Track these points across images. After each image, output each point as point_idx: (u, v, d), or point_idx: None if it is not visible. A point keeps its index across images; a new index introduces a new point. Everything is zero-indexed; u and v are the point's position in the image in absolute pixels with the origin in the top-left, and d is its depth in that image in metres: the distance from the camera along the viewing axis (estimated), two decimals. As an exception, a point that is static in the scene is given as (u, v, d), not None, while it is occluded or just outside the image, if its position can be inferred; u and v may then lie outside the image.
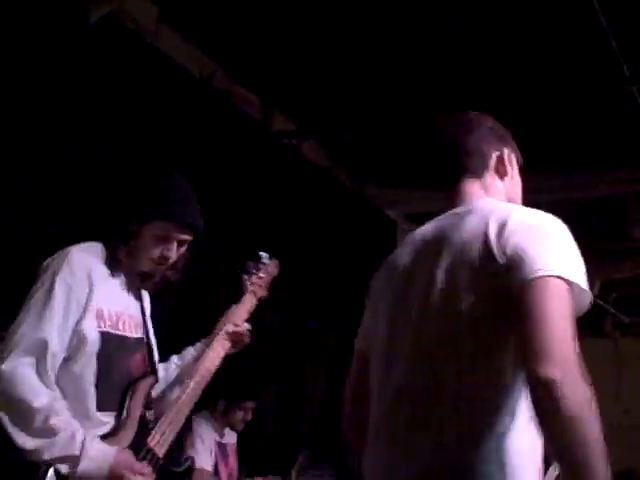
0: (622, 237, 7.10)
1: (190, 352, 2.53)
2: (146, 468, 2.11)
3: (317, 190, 5.75)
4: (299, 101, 5.09)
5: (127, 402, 2.20)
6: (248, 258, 2.72)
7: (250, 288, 2.56)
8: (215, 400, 4.31)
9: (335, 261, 6.17)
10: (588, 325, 9.16)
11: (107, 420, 2.17)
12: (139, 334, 2.35)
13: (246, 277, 2.58)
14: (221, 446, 4.36)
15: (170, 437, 2.23)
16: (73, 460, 1.98)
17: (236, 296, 2.61)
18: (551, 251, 1.54)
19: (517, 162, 1.90)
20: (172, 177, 2.38)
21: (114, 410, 2.18)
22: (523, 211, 1.66)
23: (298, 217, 5.64)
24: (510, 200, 1.83)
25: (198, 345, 2.54)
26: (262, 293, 2.61)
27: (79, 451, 1.99)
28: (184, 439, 4.06)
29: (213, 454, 4.24)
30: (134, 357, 2.30)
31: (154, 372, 2.36)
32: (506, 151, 1.86)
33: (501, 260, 1.53)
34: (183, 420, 2.30)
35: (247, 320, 2.57)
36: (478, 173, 1.84)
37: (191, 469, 2.33)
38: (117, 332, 2.24)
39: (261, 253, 2.67)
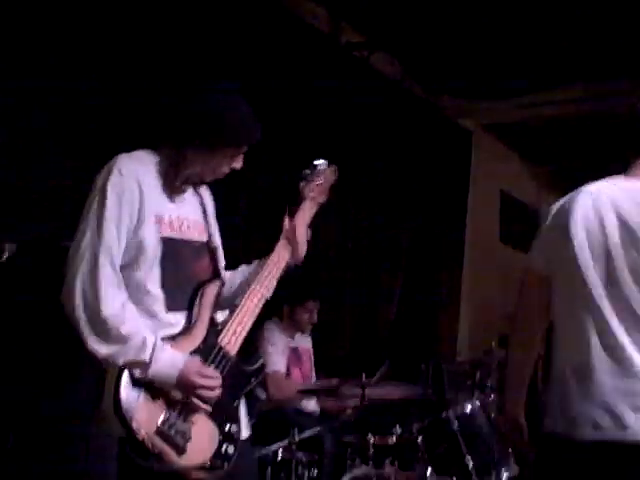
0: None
1: (255, 264, 2.53)
2: (215, 372, 2.15)
3: (388, 102, 5.70)
4: (367, 13, 5.03)
5: (196, 304, 2.24)
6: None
7: (309, 195, 2.53)
8: (280, 306, 4.46)
9: (409, 173, 6.17)
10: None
11: (177, 320, 2.22)
12: (204, 238, 2.36)
13: (303, 184, 2.54)
14: (294, 350, 4.50)
15: (241, 337, 2.27)
16: (144, 365, 2.05)
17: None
18: None
19: None
20: (230, 96, 2.38)
21: (183, 310, 2.23)
22: None
23: (370, 130, 5.63)
24: None
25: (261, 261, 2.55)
26: (321, 199, 2.57)
27: (149, 357, 2.05)
28: (256, 342, 4.20)
29: (285, 358, 4.40)
30: (200, 261, 2.32)
31: (220, 275, 2.39)
32: None
33: None
34: (252, 321, 2.31)
35: (309, 226, 2.54)
36: None
37: (263, 368, 2.37)
38: (180, 237, 2.26)
39: (318, 160, 2.60)
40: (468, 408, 3.77)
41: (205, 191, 2.46)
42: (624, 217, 2.04)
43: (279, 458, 3.51)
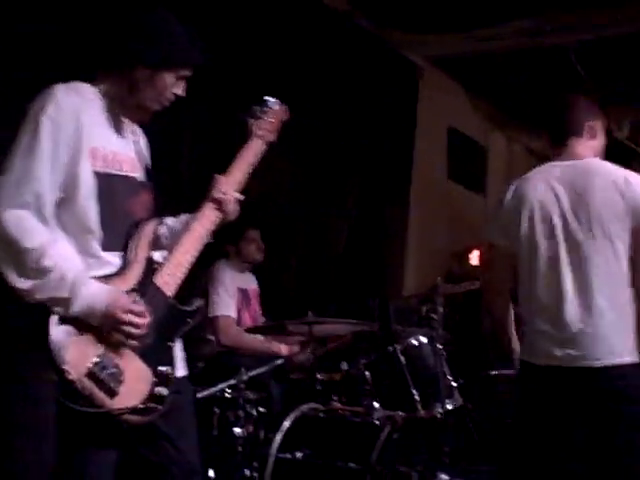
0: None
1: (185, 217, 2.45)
2: (142, 309, 2.09)
3: (336, 36, 5.59)
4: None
5: (133, 243, 2.19)
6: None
7: (258, 132, 2.46)
8: (224, 249, 4.41)
9: (356, 108, 6.08)
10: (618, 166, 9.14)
11: (114, 260, 2.17)
12: (140, 175, 2.30)
13: (252, 121, 2.46)
14: (243, 292, 4.46)
15: (178, 278, 2.22)
16: (65, 302, 2.00)
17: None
18: None
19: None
20: (166, 16, 2.28)
21: (120, 250, 2.18)
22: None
23: (318, 65, 5.52)
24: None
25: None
26: (271, 138, 2.51)
27: (68, 293, 2.00)
28: (201, 284, 4.15)
29: (236, 301, 4.35)
30: (137, 198, 2.26)
31: (157, 215, 2.33)
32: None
33: None
34: (190, 262, 2.26)
35: (256, 164, 2.45)
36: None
37: (200, 310, 2.34)
38: (116, 172, 2.20)
39: (267, 97, 2.54)
40: (415, 342, 3.80)
41: (141, 134, 2.39)
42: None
43: (227, 397, 3.50)
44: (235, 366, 3.65)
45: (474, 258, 8.14)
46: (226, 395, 3.49)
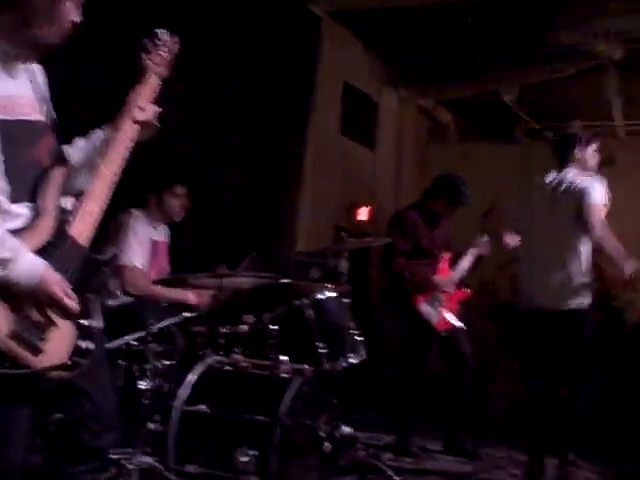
0: (540, 42, 7.12)
1: (99, 136, 2.36)
2: (70, 291, 2.03)
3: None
4: None
5: (41, 192, 2.09)
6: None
7: (152, 67, 2.38)
8: (145, 197, 4.26)
9: (257, 56, 5.97)
10: (499, 130, 9.45)
11: (23, 212, 2.06)
12: (41, 117, 2.17)
13: (145, 55, 2.39)
14: (152, 243, 4.33)
15: (91, 226, 2.15)
16: (4, 263, 1.92)
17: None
18: None
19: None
20: None
21: (29, 200, 2.07)
22: None
23: (218, 14, 5.38)
24: None
25: (106, 131, 2.35)
26: (164, 72, 2.43)
27: (10, 253, 1.93)
28: (115, 230, 4.01)
29: (147, 252, 4.22)
30: (42, 143, 2.14)
31: (64, 159, 2.23)
32: None
33: None
34: (102, 208, 2.17)
35: (153, 101, 2.37)
36: None
37: (115, 258, 2.27)
38: (18, 117, 2.06)
39: (158, 30, 2.44)
40: (322, 296, 3.82)
41: (37, 68, 2.24)
42: None
43: (132, 349, 3.42)
44: (140, 318, 3.57)
45: (362, 214, 8.25)
46: (132, 348, 3.41)
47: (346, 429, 3.65)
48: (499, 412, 5.80)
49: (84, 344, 2.08)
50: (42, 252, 2.02)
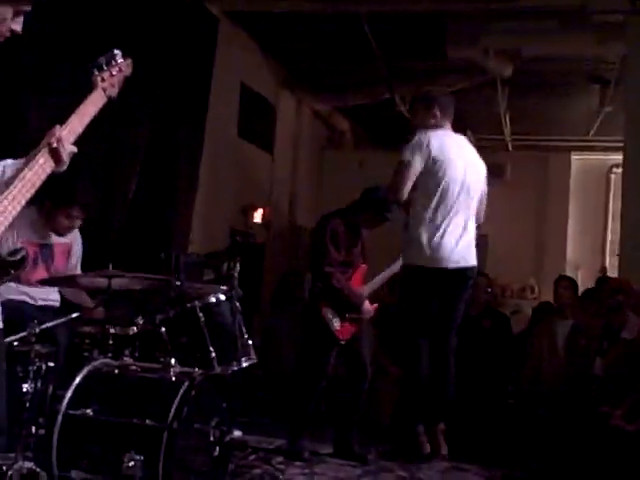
0: (437, 56, 7.31)
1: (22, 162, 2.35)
2: None
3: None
4: None
5: None
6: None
7: (100, 84, 2.41)
8: (41, 199, 4.10)
9: (155, 54, 5.87)
10: (394, 139, 9.63)
11: None
12: None
13: (97, 73, 2.42)
14: (45, 247, 4.19)
15: (3, 225, 2.14)
16: None
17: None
18: None
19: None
20: None
21: None
22: None
23: (121, 8, 5.27)
24: None
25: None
26: (113, 93, 2.46)
27: None
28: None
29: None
30: None
31: None
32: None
33: None
34: (17, 211, 2.18)
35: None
36: None
37: (24, 261, 2.21)
38: None
39: (115, 50, 2.52)
40: (214, 299, 3.79)
41: None
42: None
43: (16, 350, 3.29)
44: (22, 318, 3.44)
45: (257, 216, 8.26)
46: (15, 348, 3.29)
47: (237, 433, 3.62)
48: (386, 416, 5.89)
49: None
50: None
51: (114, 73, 2.46)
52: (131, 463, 3.15)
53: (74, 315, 3.63)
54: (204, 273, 4.90)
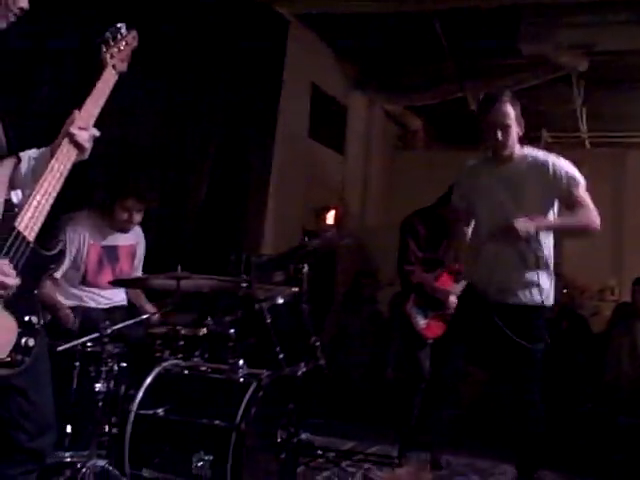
0: (509, 52, 7.17)
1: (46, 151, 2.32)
2: (11, 269, 2.00)
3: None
4: None
5: None
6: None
7: (110, 61, 2.36)
8: (99, 200, 4.18)
9: (225, 58, 5.94)
10: (466, 139, 9.50)
11: None
12: None
13: (105, 49, 2.36)
14: (109, 249, 4.23)
15: (39, 222, 2.12)
16: None
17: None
18: None
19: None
20: None
21: None
22: None
23: (187, 13, 5.33)
24: None
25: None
26: (123, 68, 2.41)
27: None
28: (56, 230, 3.91)
29: (82, 257, 4.10)
30: None
31: (13, 151, 2.20)
32: None
33: None
34: (50, 204, 2.15)
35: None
36: None
37: (63, 253, 2.22)
38: None
39: (119, 24, 2.44)
40: (281, 301, 3.80)
41: None
42: None
43: (89, 351, 3.37)
44: (92, 320, 3.53)
45: (330, 217, 8.26)
46: (87, 349, 3.37)
47: (304, 435, 3.62)
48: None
49: (26, 341, 2.04)
50: None
51: (122, 48, 2.41)
52: (200, 463, 3.19)
53: (145, 316, 3.68)
54: (275, 274, 4.92)
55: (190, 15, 5.43)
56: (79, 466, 3.18)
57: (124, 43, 2.42)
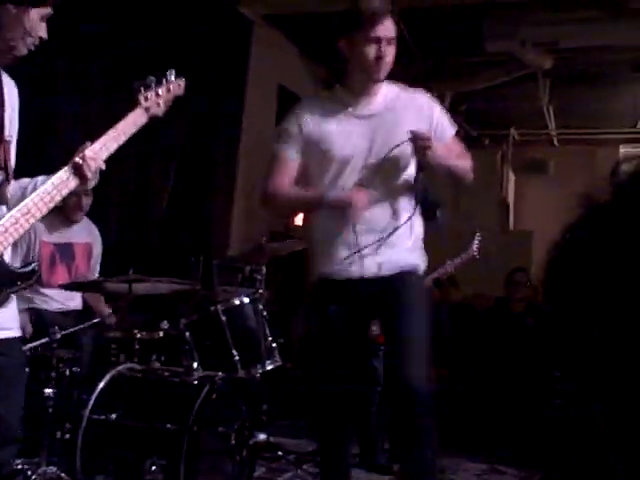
0: (474, 50, 7.18)
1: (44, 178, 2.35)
2: None
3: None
4: None
5: None
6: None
7: (143, 104, 2.40)
8: None
9: (188, 59, 5.90)
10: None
11: None
12: None
13: (141, 90, 2.41)
14: (64, 246, 4.15)
15: (12, 238, 2.12)
16: None
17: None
18: None
19: None
20: None
21: None
22: None
23: (152, 13, 5.31)
24: None
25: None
26: (158, 112, 2.45)
27: None
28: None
29: (34, 255, 4.00)
30: None
31: (7, 169, 2.22)
32: None
33: None
34: (30, 224, 2.16)
35: (133, 135, 2.42)
36: None
37: (34, 274, 2.22)
38: None
39: (169, 71, 2.52)
40: (237, 302, 3.77)
41: (9, 81, 2.28)
42: None
43: (37, 355, 3.33)
44: (46, 323, 3.49)
45: (298, 218, 8.22)
46: (37, 354, 3.33)
47: (261, 436, 3.60)
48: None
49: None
50: None
51: (160, 92, 2.44)
52: (153, 467, 3.16)
53: (95, 320, 3.65)
54: (234, 276, 4.89)
55: (152, 15, 5.40)
56: (29, 473, 3.14)
57: (165, 89, 2.46)
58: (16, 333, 2.24)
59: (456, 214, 7.56)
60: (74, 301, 4.18)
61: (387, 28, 2.88)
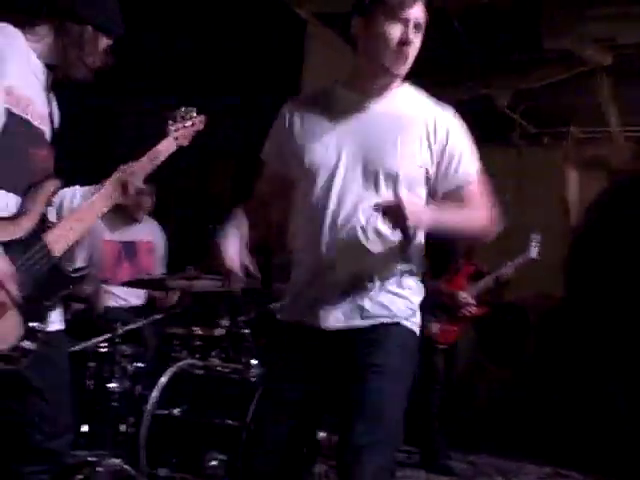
0: (533, 47, 7.10)
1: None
2: (13, 287, 2.06)
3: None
4: None
5: (31, 194, 2.19)
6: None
7: (173, 134, 2.56)
8: None
9: (239, 62, 5.97)
10: (495, 134, 9.45)
11: (8, 200, 2.15)
12: (46, 130, 2.30)
13: (171, 122, 2.58)
14: (127, 245, 4.24)
15: (69, 241, 2.23)
16: None
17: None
18: None
19: None
20: None
21: (12, 191, 2.16)
22: None
23: (204, 13, 5.38)
24: None
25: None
26: (183, 142, 2.61)
27: None
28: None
29: (95, 254, 4.12)
30: (39, 149, 2.26)
31: (57, 176, 2.32)
32: None
33: None
34: (83, 231, 2.27)
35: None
36: None
37: (85, 278, 2.32)
38: (23, 115, 2.19)
39: (190, 107, 2.69)
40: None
41: (54, 102, 2.40)
42: None
43: (102, 351, 3.42)
44: (109, 319, 3.57)
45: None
46: (101, 349, 3.41)
47: (320, 433, 3.62)
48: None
49: (26, 344, 2.10)
50: (11, 245, 2.08)
51: (187, 126, 2.62)
52: (213, 462, 3.22)
53: (158, 316, 3.72)
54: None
55: (204, 16, 5.46)
56: (95, 465, 3.22)
57: (190, 123, 2.64)
58: (60, 326, 2.33)
59: (517, 213, 7.49)
60: (138, 298, 4.26)
61: (418, 11, 2.35)
